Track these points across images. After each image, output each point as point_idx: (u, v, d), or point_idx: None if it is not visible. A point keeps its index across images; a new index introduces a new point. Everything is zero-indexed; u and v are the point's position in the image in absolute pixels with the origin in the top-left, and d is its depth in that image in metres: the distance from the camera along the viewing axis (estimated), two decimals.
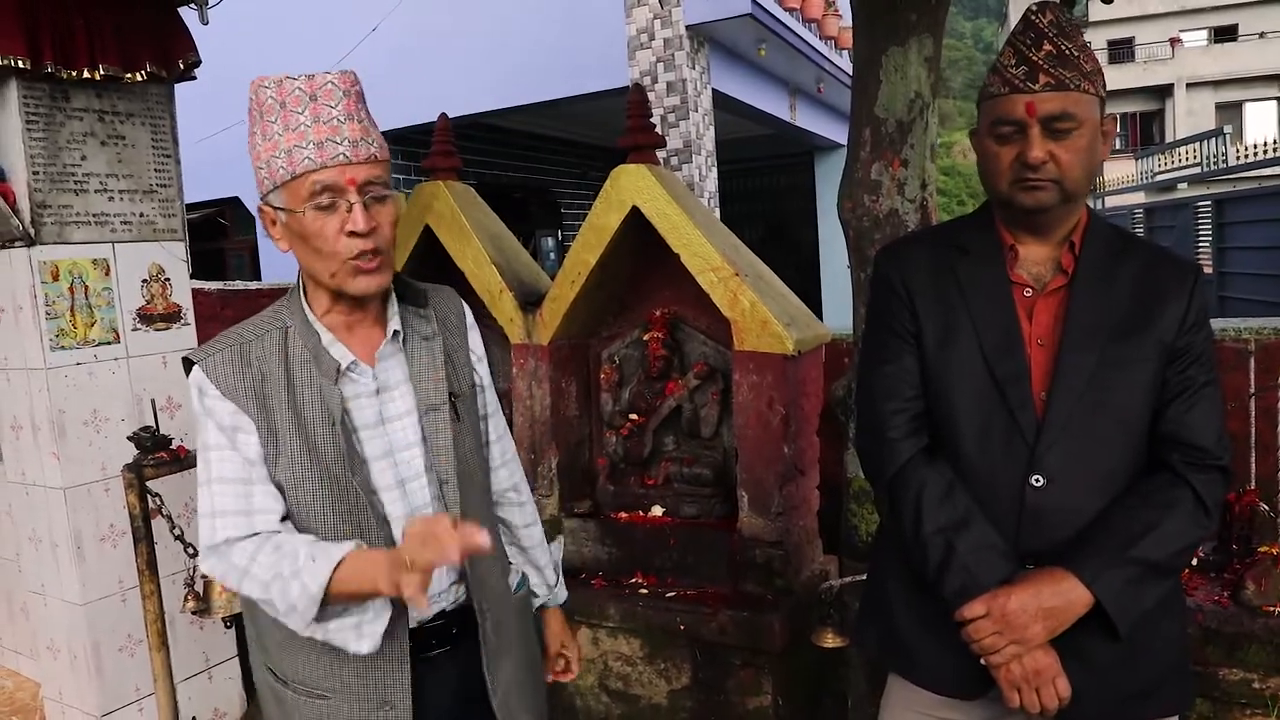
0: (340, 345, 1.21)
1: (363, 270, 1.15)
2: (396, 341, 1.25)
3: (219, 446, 1.17)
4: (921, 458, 1.25)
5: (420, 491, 1.23)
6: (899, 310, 1.29)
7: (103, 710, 2.50)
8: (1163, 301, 1.19)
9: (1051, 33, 1.17)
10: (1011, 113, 1.18)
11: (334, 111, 1.13)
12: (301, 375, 1.18)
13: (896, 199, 1.98)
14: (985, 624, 1.15)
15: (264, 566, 1.12)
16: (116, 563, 2.50)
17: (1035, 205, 1.19)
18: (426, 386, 1.24)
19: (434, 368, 1.25)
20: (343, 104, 1.14)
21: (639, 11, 6.31)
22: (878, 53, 1.96)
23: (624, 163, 2.56)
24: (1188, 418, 1.18)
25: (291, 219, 1.15)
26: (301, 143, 1.12)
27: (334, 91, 1.14)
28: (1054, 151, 1.16)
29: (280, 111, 1.13)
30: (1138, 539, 1.14)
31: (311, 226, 1.13)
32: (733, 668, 2.39)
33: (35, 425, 2.45)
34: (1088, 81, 1.17)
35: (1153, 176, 17.45)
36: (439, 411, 1.24)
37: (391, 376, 1.24)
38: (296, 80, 1.13)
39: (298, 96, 1.13)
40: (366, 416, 1.21)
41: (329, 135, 1.12)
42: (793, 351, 2.35)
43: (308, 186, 1.12)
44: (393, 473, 1.22)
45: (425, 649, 1.24)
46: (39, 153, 2.34)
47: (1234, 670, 1.89)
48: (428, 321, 1.28)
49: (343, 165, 1.13)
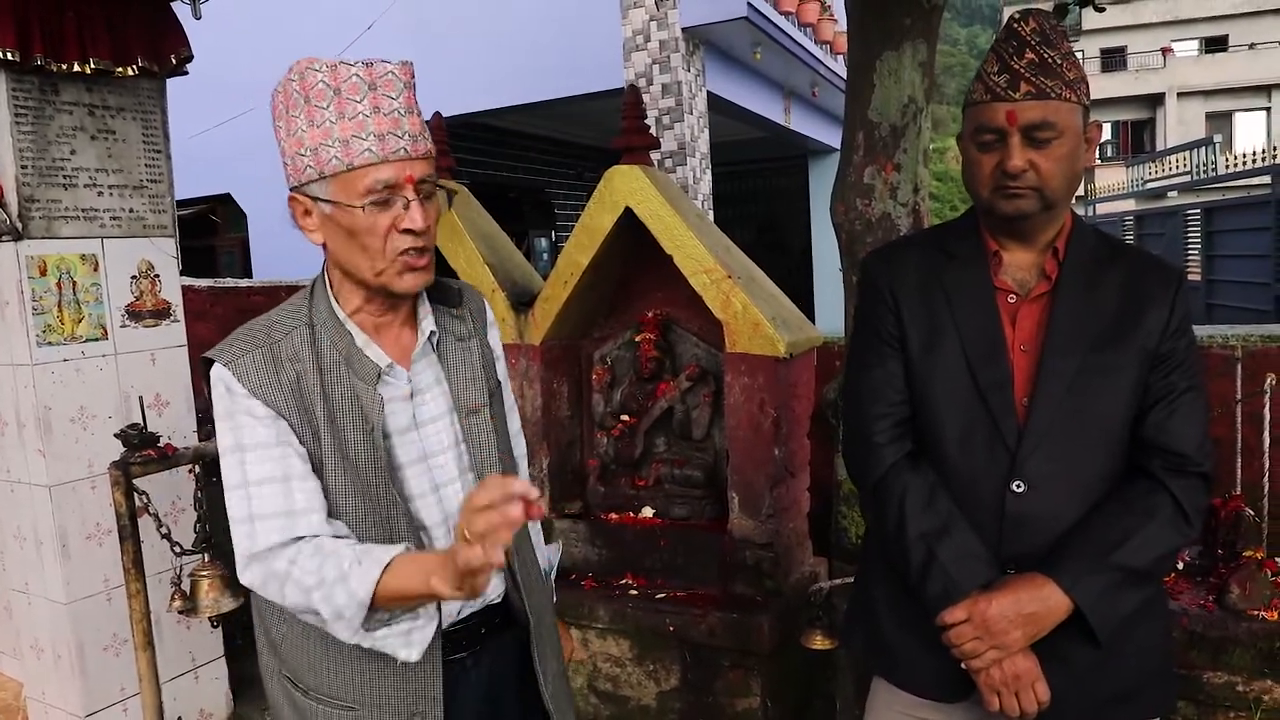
0: (375, 347, 1.16)
1: (412, 267, 1.10)
2: (431, 342, 1.21)
3: (255, 446, 1.09)
4: (905, 463, 1.25)
5: (455, 497, 1.19)
6: (885, 315, 1.29)
7: (87, 710, 2.48)
8: (1145, 307, 1.20)
9: (1034, 40, 1.18)
10: (993, 121, 1.18)
11: (395, 103, 1.07)
12: (333, 377, 1.12)
13: (889, 203, 1.99)
14: (966, 629, 1.15)
15: (307, 571, 1.04)
16: (102, 561, 2.48)
17: (1015, 213, 1.20)
18: (466, 389, 1.20)
19: (471, 368, 1.22)
20: (403, 95, 1.08)
21: (635, 13, 6.32)
22: (872, 57, 1.96)
23: (618, 164, 2.56)
24: (1169, 424, 1.19)
25: (340, 212, 1.08)
26: (361, 133, 1.05)
27: (394, 82, 1.08)
28: (1034, 160, 1.16)
29: (334, 98, 1.05)
30: (1117, 545, 1.14)
31: (364, 223, 1.07)
32: (722, 669, 2.39)
33: (21, 422, 2.43)
34: (1070, 90, 1.17)
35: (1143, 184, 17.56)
36: (479, 414, 1.20)
37: (424, 379, 1.19)
38: (353, 66, 1.06)
39: (355, 84, 1.05)
40: (400, 421, 1.16)
41: (390, 128, 1.06)
42: (784, 354, 2.35)
43: (366, 182, 1.06)
44: (427, 478, 1.18)
45: (455, 650, 1.20)
46: (27, 146, 2.32)
47: (1218, 673, 1.90)
48: (463, 321, 1.24)
49: (404, 160, 1.07)
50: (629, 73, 6.38)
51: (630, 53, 6.38)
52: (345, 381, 1.12)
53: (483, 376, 1.23)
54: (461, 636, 1.21)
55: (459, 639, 1.20)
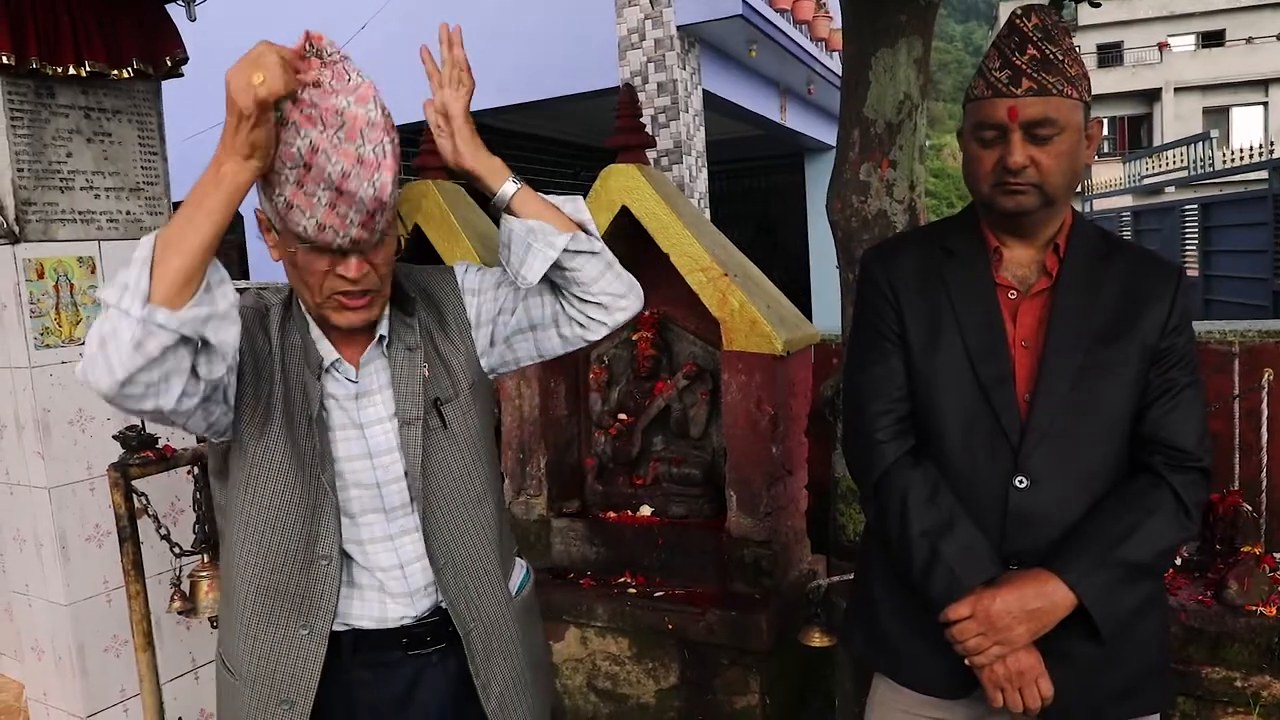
0: (326, 342, 1.21)
1: (347, 307, 1.14)
2: (381, 346, 1.23)
3: None
4: (907, 460, 1.25)
5: (399, 494, 1.22)
6: (885, 311, 1.29)
7: (88, 711, 2.48)
8: (1146, 304, 1.20)
9: (1036, 36, 1.18)
10: (993, 116, 1.18)
11: (351, 214, 1.05)
12: (290, 359, 1.18)
13: (885, 200, 1.99)
14: (970, 625, 1.15)
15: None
16: (102, 563, 2.48)
17: (1015, 209, 1.20)
18: (405, 398, 1.22)
19: (414, 379, 1.23)
20: (371, 200, 1.05)
21: (630, 12, 6.31)
22: (867, 54, 1.97)
23: (614, 163, 2.56)
24: (1169, 419, 1.19)
25: (286, 242, 1.12)
26: (339, 229, 1.05)
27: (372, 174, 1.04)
28: (1035, 156, 1.16)
29: (331, 192, 1.04)
30: (1120, 541, 1.14)
31: (302, 260, 1.11)
32: (720, 667, 2.39)
33: (20, 424, 2.43)
34: (1071, 86, 1.17)
35: (1140, 180, 17.57)
36: (414, 426, 1.21)
37: (374, 381, 1.22)
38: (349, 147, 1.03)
39: (333, 172, 1.02)
40: (342, 418, 1.20)
41: (365, 235, 1.07)
42: (781, 352, 2.35)
43: (302, 230, 1.07)
44: (371, 474, 1.21)
45: (420, 645, 1.23)
46: (24, 149, 2.32)
47: (1216, 669, 1.91)
48: (412, 331, 1.25)
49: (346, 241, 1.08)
50: (624, 71, 6.38)
51: (625, 51, 6.38)
52: (299, 365, 1.18)
53: (422, 389, 1.22)
54: (428, 632, 1.23)
55: (423, 635, 1.23)
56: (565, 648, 2.59)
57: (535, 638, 1.40)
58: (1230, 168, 13.51)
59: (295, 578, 1.18)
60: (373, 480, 1.21)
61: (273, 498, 1.16)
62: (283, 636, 1.19)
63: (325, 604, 1.18)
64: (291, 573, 1.18)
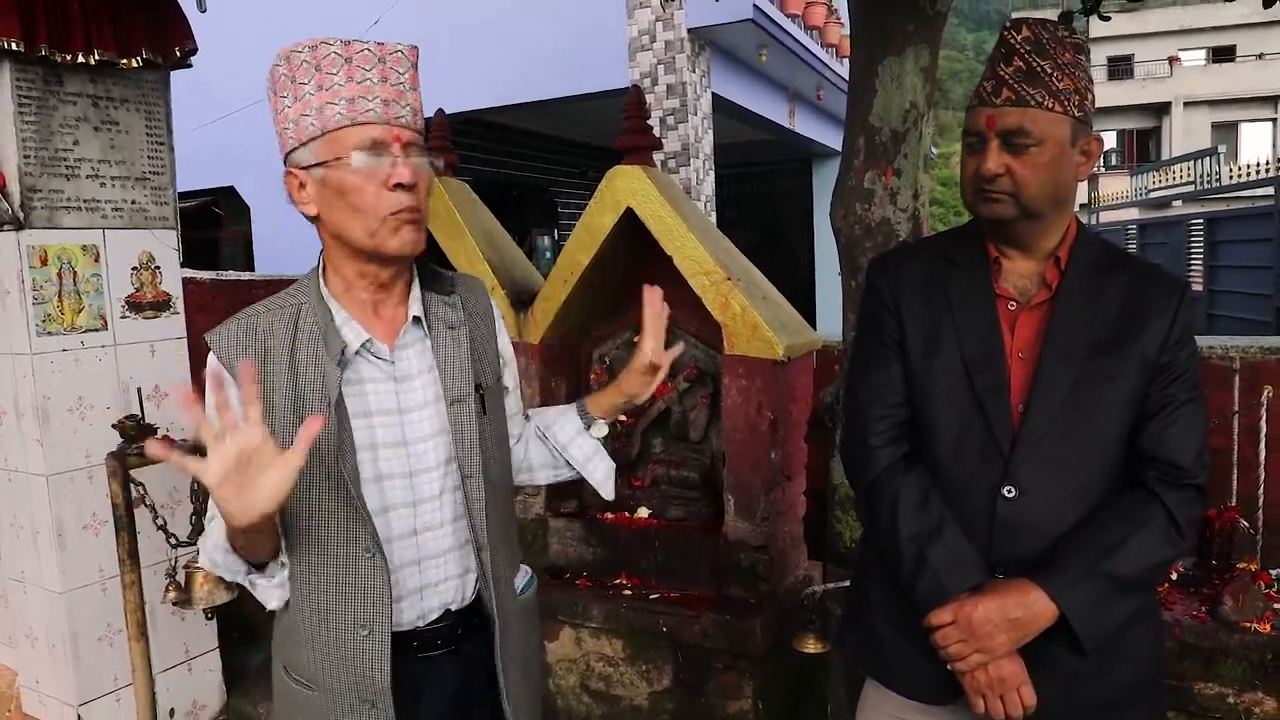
0: (356, 324, 1.17)
1: (406, 222, 1.12)
2: (419, 329, 1.21)
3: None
4: (900, 465, 1.26)
5: (430, 484, 1.19)
6: (886, 319, 1.30)
7: (80, 700, 2.48)
8: (1147, 317, 1.20)
9: (1024, 49, 1.18)
10: (975, 125, 1.21)
11: (401, 77, 1.14)
12: (308, 355, 1.14)
13: (888, 208, 1.99)
14: (951, 631, 1.16)
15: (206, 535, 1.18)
16: (98, 552, 2.49)
17: (991, 216, 1.21)
18: (452, 376, 1.20)
19: (461, 358, 1.22)
20: (409, 75, 1.15)
21: (640, 13, 6.32)
22: (874, 62, 1.96)
23: (620, 164, 2.56)
24: (1166, 435, 1.19)
25: (330, 172, 1.10)
26: (368, 95, 1.11)
27: (402, 60, 1.15)
28: (1011, 165, 1.17)
29: (345, 66, 1.11)
30: (1107, 554, 1.14)
31: (352, 180, 1.10)
32: (714, 671, 2.39)
33: (19, 411, 2.44)
34: (1055, 99, 1.17)
35: (1147, 193, 17.55)
36: (464, 404, 1.20)
37: (414, 364, 1.20)
38: (366, 43, 1.13)
39: (366, 55, 1.12)
40: (384, 403, 1.17)
41: (394, 97, 1.13)
42: (782, 357, 2.35)
43: (355, 137, 1.10)
44: (402, 462, 1.17)
45: (429, 648, 1.21)
46: (30, 136, 2.33)
47: (1210, 685, 1.90)
48: (454, 309, 1.24)
49: (398, 127, 1.12)
50: (634, 73, 6.39)
51: (635, 53, 6.39)
52: (317, 359, 1.14)
53: (470, 368, 1.23)
54: (438, 635, 1.22)
55: (433, 638, 1.22)
56: (559, 648, 2.59)
57: (530, 647, 1.39)
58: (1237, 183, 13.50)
59: (344, 577, 1.15)
60: (405, 469, 1.18)
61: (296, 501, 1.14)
62: (346, 639, 1.16)
63: (380, 599, 1.15)
64: (336, 571, 1.15)
